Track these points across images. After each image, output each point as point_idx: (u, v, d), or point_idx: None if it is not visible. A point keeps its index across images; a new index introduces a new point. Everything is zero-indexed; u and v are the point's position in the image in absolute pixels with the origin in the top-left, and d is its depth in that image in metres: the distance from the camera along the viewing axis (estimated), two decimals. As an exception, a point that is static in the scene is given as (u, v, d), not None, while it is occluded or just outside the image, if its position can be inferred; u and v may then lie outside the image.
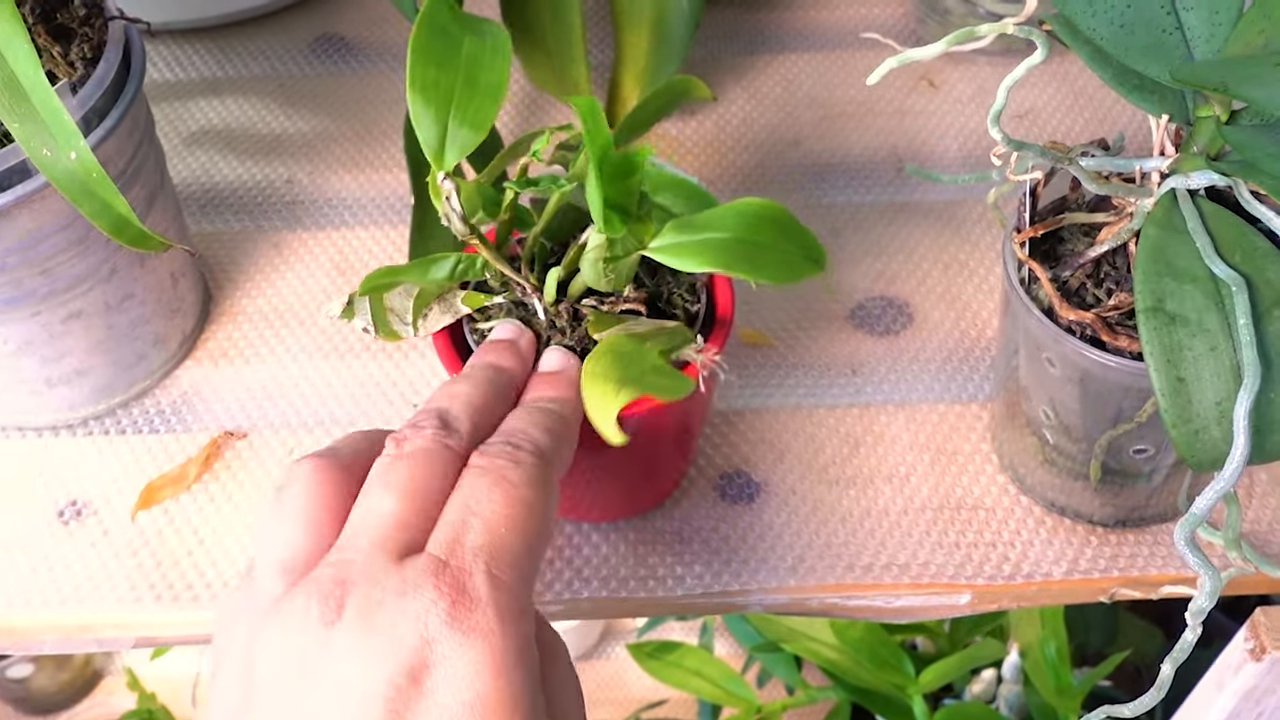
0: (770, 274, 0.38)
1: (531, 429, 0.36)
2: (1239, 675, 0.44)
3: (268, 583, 0.32)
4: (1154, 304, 0.36)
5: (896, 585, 0.46)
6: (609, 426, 0.34)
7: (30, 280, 0.45)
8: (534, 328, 0.41)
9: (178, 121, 0.65)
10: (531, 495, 0.33)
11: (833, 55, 0.68)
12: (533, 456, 0.34)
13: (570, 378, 0.39)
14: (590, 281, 0.39)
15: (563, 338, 0.41)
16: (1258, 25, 0.36)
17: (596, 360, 0.36)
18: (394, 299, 0.41)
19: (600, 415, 0.34)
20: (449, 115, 0.37)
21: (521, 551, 0.32)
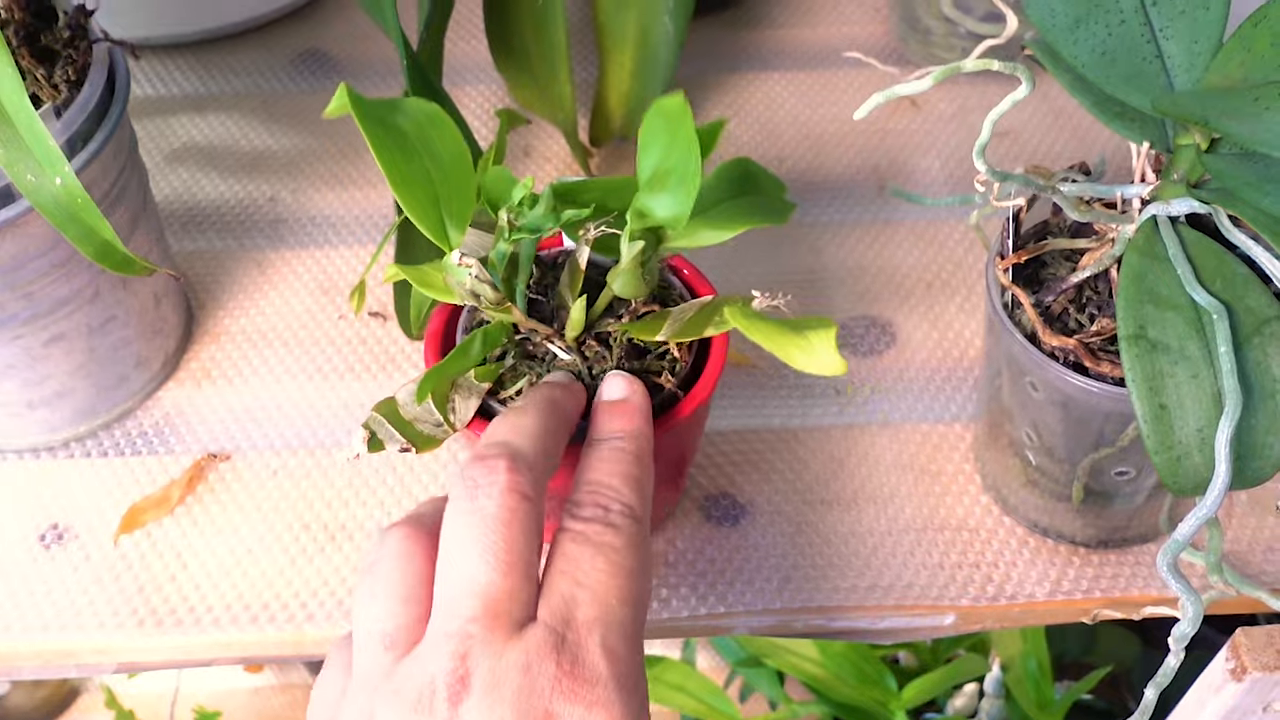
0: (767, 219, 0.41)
1: (619, 484, 0.35)
2: (1220, 695, 0.44)
3: (374, 657, 0.32)
4: (1136, 331, 0.37)
5: (881, 607, 0.46)
6: (834, 356, 0.35)
7: (12, 304, 0.44)
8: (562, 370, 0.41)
9: (159, 138, 0.64)
10: (633, 561, 0.33)
11: (815, 74, 0.68)
12: (627, 519, 0.34)
13: (637, 405, 0.38)
14: (628, 292, 0.40)
15: (604, 364, 0.40)
16: (1237, 57, 0.36)
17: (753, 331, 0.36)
18: (408, 410, 0.40)
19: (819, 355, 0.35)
20: (437, 197, 0.37)
21: (630, 620, 0.33)
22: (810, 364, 0.36)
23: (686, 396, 0.41)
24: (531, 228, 0.38)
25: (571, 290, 0.41)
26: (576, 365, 0.41)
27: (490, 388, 0.41)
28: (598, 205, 0.40)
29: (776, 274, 0.57)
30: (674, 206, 0.38)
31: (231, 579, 0.47)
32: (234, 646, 0.46)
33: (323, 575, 0.47)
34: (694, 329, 0.40)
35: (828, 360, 0.35)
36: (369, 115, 0.37)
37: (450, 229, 0.38)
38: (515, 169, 0.63)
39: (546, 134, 0.64)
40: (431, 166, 0.38)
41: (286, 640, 0.46)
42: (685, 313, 0.40)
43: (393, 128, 0.37)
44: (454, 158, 0.38)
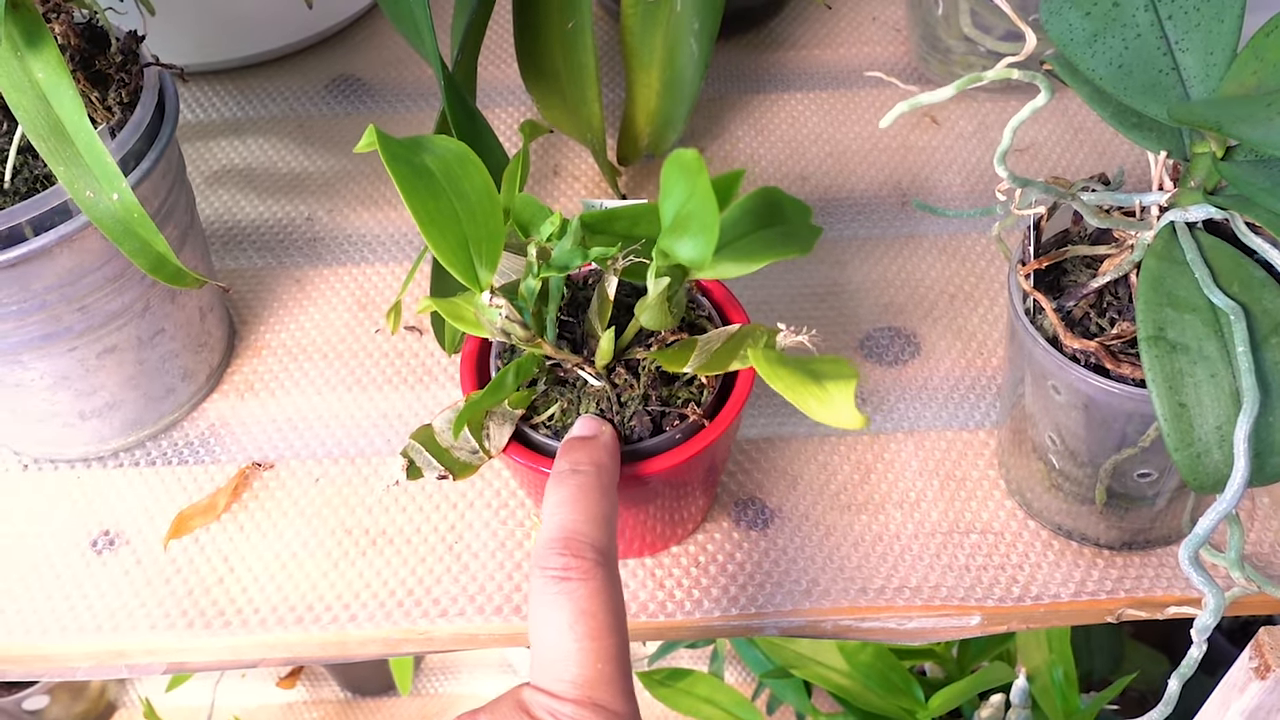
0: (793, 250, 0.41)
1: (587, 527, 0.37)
2: (1244, 695, 0.45)
3: None
4: (1155, 333, 0.38)
5: (908, 607, 0.47)
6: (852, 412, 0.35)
7: (68, 316, 0.46)
8: (594, 397, 0.42)
9: (201, 161, 0.66)
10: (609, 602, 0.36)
11: (838, 94, 0.69)
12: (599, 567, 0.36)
13: (604, 441, 0.40)
14: (655, 325, 0.40)
15: (633, 390, 0.41)
16: (1251, 66, 0.38)
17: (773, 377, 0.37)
18: (444, 438, 0.41)
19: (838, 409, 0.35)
20: (465, 237, 0.38)
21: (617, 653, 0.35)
22: (828, 416, 0.36)
23: (712, 423, 0.42)
24: (561, 264, 0.38)
25: (600, 319, 0.41)
26: (606, 391, 0.41)
27: (523, 413, 0.42)
28: (625, 233, 0.41)
29: (802, 287, 0.59)
30: (696, 250, 0.37)
31: (276, 582, 0.48)
32: (279, 647, 0.47)
33: (365, 578, 0.48)
34: (719, 363, 0.40)
35: (845, 414, 0.36)
36: (396, 156, 0.37)
37: (480, 269, 0.38)
38: (545, 188, 0.64)
39: (575, 153, 0.66)
40: (459, 206, 0.37)
41: (330, 641, 0.47)
42: (712, 343, 0.41)
43: (419, 168, 0.37)
44: (481, 196, 0.38)
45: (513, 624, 0.47)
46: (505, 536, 0.49)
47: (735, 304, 0.45)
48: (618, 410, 0.41)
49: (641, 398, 0.41)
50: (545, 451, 0.42)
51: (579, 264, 0.38)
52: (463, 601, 0.47)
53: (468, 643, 0.47)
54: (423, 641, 0.47)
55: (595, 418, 0.41)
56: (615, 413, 0.41)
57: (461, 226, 0.37)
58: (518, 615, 0.47)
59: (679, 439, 0.41)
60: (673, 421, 0.41)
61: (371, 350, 0.57)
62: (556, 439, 0.41)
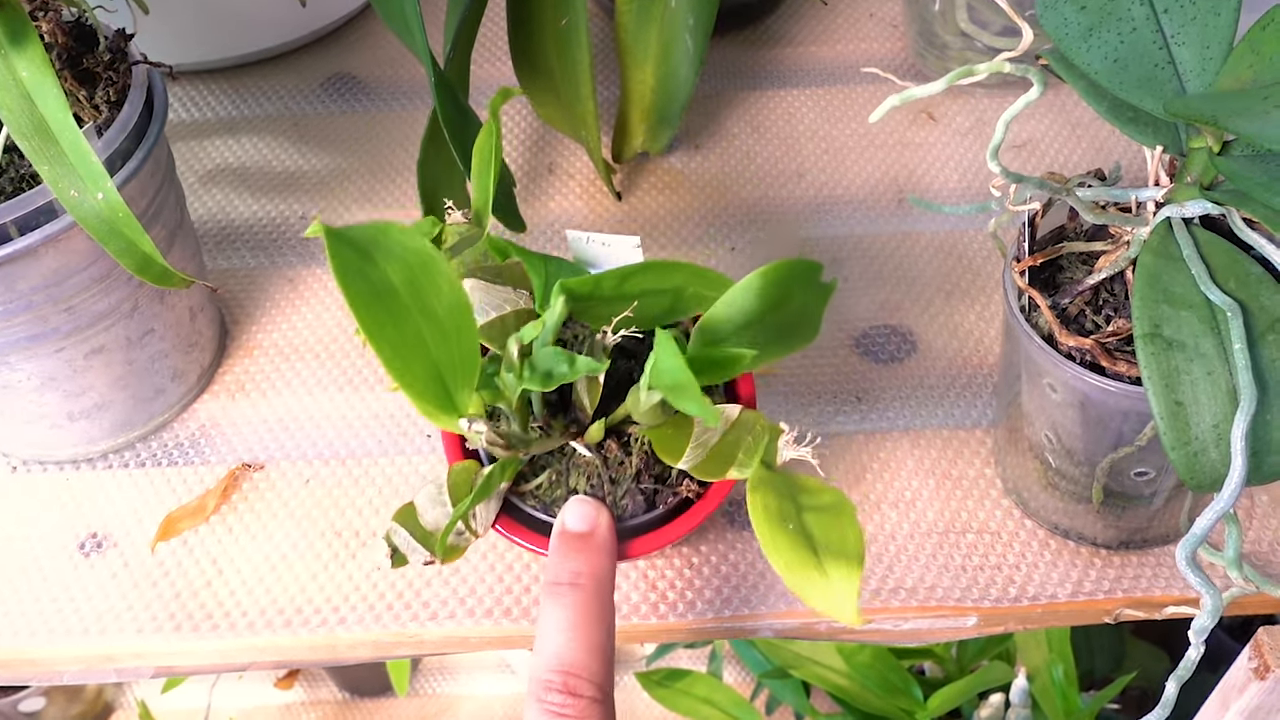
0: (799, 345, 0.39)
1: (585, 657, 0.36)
2: (1243, 695, 0.45)
3: None
4: (1151, 330, 0.37)
5: (904, 608, 0.46)
6: (853, 611, 0.33)
7: (55, 317, 0.46)
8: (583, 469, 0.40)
9: (194, 160, 0.66)
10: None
11: (834, 90, 0.69)
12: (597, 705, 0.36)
13: (600, 541, 0.38)
14: (647, 421, 0.38)
15: (626, 470, 0.40)
16: (1247, 60, 0.37)
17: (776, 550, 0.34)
18: (427, 518, 0.39)
19: (837, 604, 0.33)
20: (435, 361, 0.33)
21: None
22: (824, 605, 0.34)
23: (706, 495, 0.40)
24: (543, 373, 0.36)
25: (590, 399, 0.40)
26: (596, 466, 0.40)
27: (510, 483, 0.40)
28: (613, 293, 0.39)
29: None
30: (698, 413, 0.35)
31: (266, 584, 0.48)
32: (269, 650, 0.47)
33: (354, 580, 0.48)
34: (715, 467, 0.38)
35: (844, 607, 0.34)
36: (349, 270, 0.30)
37: (456, 394, 0.33)
38: (540, 186, 0.64)
39: (570, 151, 0.66)
40: (426, 326, 0.32)
41: (319, 644, 0.46)
42: (709, 435, 0.39)
43: (378, 284, 0.31)
44: (450, 310, 0.33)
45: (503, 627, 0.46)
46: (495, 539, 0.49)
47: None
48: (609, 488, 0.40)
49: (634, 476, 0.40)
50: (534, 524, 0.40)
51: (564, 375, 0.36)
52: (453, 604, 0.47)
53: (458, 645, 0.47)
54: (413, 644, 0.47)
55: (588, 501, 0.39)
56: (606, 490, 0.40)
57: (431, 352, 0.32)
58: (508, 618, 0.47)
59: (671, 513, 0.40)
60: (666, 499, 0.40)
61: (364, 351, 0.56)
62: (546, 511, 0.40)
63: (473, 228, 0.41)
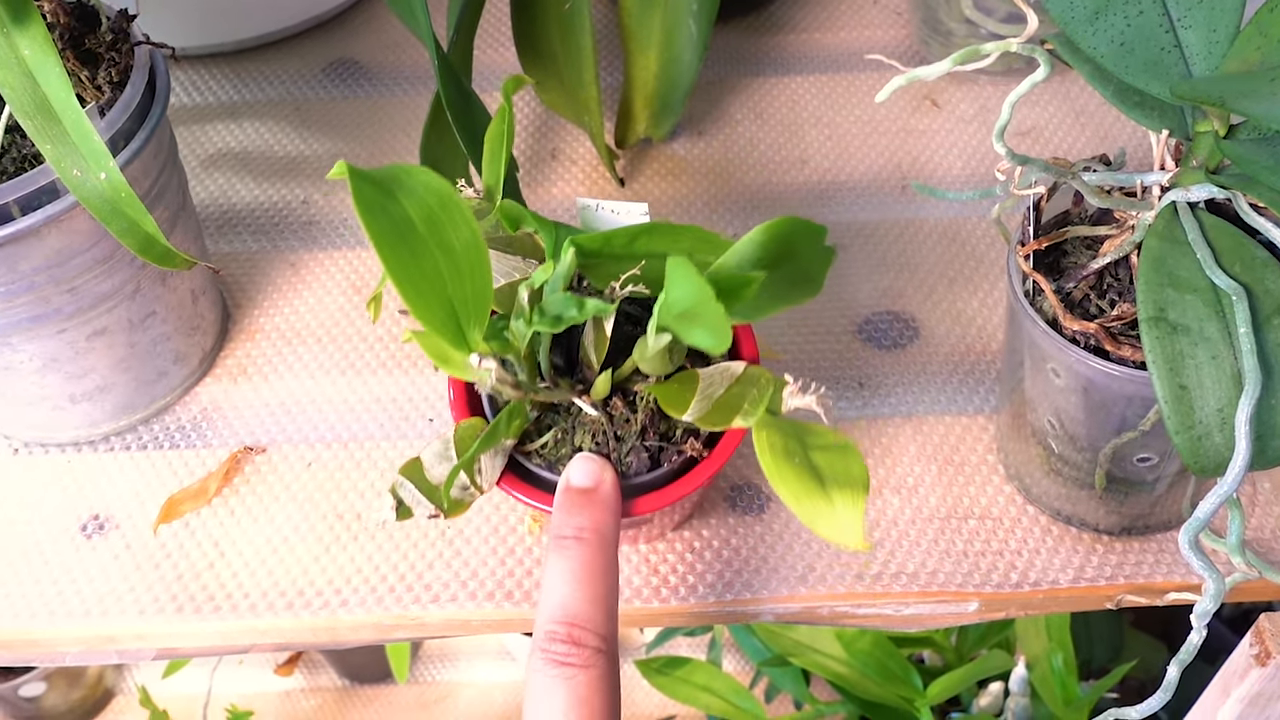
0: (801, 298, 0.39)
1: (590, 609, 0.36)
2: (1244, 681, 0.45)
3: None
4: (1156, 314, 0.37)
5: (905, 593, 0.46)
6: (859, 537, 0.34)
7: (57, 298, 0.46)
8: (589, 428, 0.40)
9: (196, 145, 0.66)
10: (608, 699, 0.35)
11: (838, 77, 0.69)
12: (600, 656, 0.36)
13: (604, 496, 0.38)
14: (654, 370, 0.39)
15: (631, 427, 0.40)
16: (1254, 43, 0.37)
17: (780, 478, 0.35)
18: (433, 473, 0.39)
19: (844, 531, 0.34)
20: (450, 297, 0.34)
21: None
22: (831, 533, 0.34)
23: (711, 455, 0.40)
24: (553, 316, 0.36)
25: (596, 353, 0.40)
26: (601, 423, 0.40)
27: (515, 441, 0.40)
28: (622, 252, 0.39)
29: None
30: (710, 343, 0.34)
31: (268, 567, 0.48)
32: (270, 632, 0.47)
33: (356, 563, 0.48)
34: (721, 417, 0.38)
35: (850, 532, 0.34)
36: (370, 206, 0.31)
37: (468, 330, 0.34)
38: (542, 171, 0.64)
39: (573, 136, 0.66)
40: (444, 263, 0.33)
41: (321, 626, 0.46)
42: (714, 388, 0.39)
43: (398, 219, 0.32)
44: (467, 247, 0.34)
45: (505, 610, 0.46)
46: (498, 522, 0.49)
47: (746, 332, 0.43)
48: (614, 445, 0.40)
49: (639, 433, 0.40)
50: (539, 482, 0.40)
51: (573, 317, 0.36)
52: (455, 587, 0.47)
53: (460, 628, 0.47)
54: (415, 627, 0.47)
55: (593, 458, 0.39)
56: (611, 447, 0.40)
57: (447, 288, 0.33)
58: (510, 601, 0.47)
59: (676, 473, 0.40)
60: (671, 457, 0.40)
61: (366, 334, 0.56)
62: (550, 469, 0.40)
63: (484, 202, 0.41)
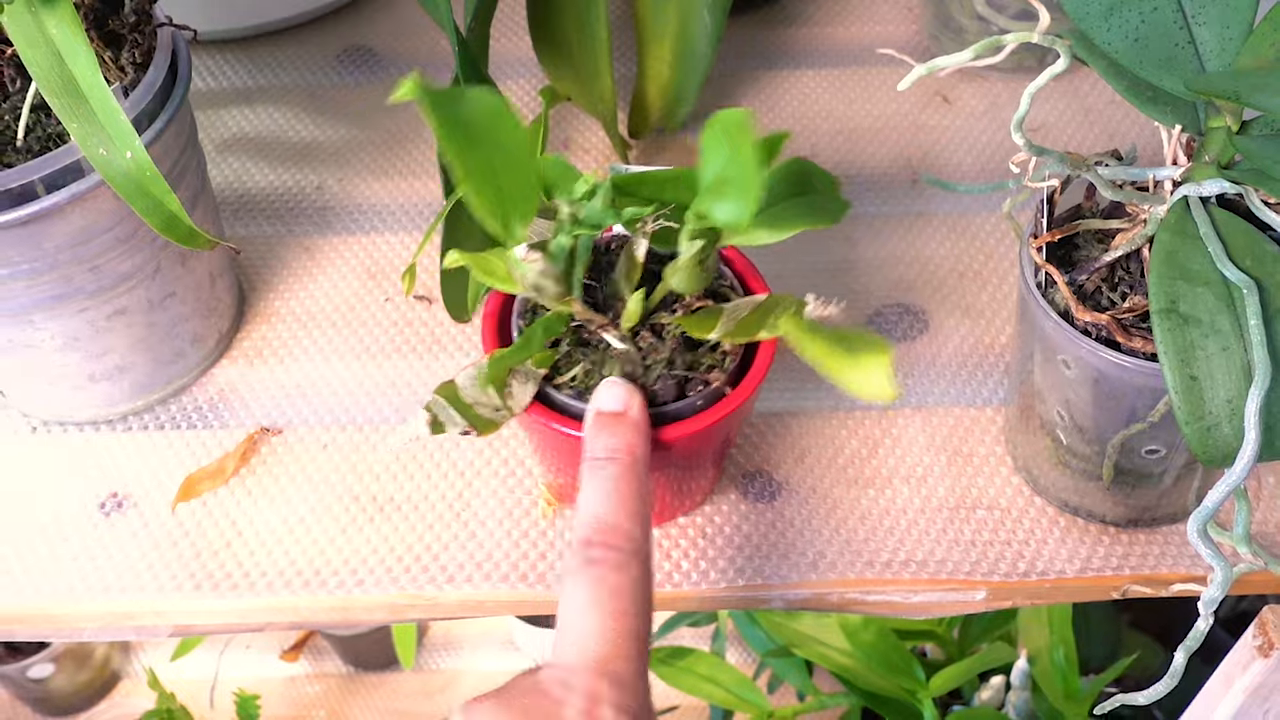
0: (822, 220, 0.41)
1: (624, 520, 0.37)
2: (1247, 673, 0.45)
3: None
4: (1168, 306, 0.38)
5: (914, 581, 0.47)
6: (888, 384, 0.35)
7: (79, 277, 0.46)
8: (620, 360, 0.41)
9: (212, 130, 0.66)
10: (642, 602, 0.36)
11: (849, 71, 0.69)
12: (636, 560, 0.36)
13: (634, 419, 0.39)
14: (686, 288, 0.40)
15: (658, 354, 0.41)
16: (1269, 39, 0.38)
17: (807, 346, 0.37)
18: (467, 394, 0.41)
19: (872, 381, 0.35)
20: (501, 190, 0.37)
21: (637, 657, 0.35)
22: (862, 388, 0.36)
23: (734, 391, 0.42)
24: (593, 223, 0.39)
25: (628, 282, 0.41)
26: (631, 354, 0.41)
27: (546, 373, 0.42)
28: (653, 197, 0.41)
29: (813, 263, 0.59)
30: (735, 213, 0.37)
31: (284, 546, 0.48)
32: (286, 611, 0.47)
33: (371, 544, 0.48)
34: (746, 330, 0.40)
35: (880, 386, 0.36)
36: (437, 104, 0.36)
37: (514, 223, 0.37)
38: (556, 161, 0.64)
39: (586, 126, 0.66)
40: (497, 159, 0.36)
41: (336, 605, 0.47)
42: (739, 311, 0.41)
43: (460, 119, 0.36)
44: (517, 151, 0.37)
45: (519, 591, 0.47)
46: (513, 505, 0.50)
47: (756, 274, 0.45)
48: (642, 373, 0.41)
49: (666, 361, 0.41)
50: (568, 411, 0.41)
51: (611, 223, 0.38)
52: (470, 568, 0.47)
53: (474, 609, 0.47)
54: (429, 607, 0.47)
55: (623, 383, 0.40)
56: (640, 376, 0.41)
57: (499, 179, 0.37)
58: (524, 583, 0.47)
59: (701, 405, 0.41)
60: (696, 387, 0.41)
61: (380, 319, 0.57)
62: (579, 400, 0.41)
63: None
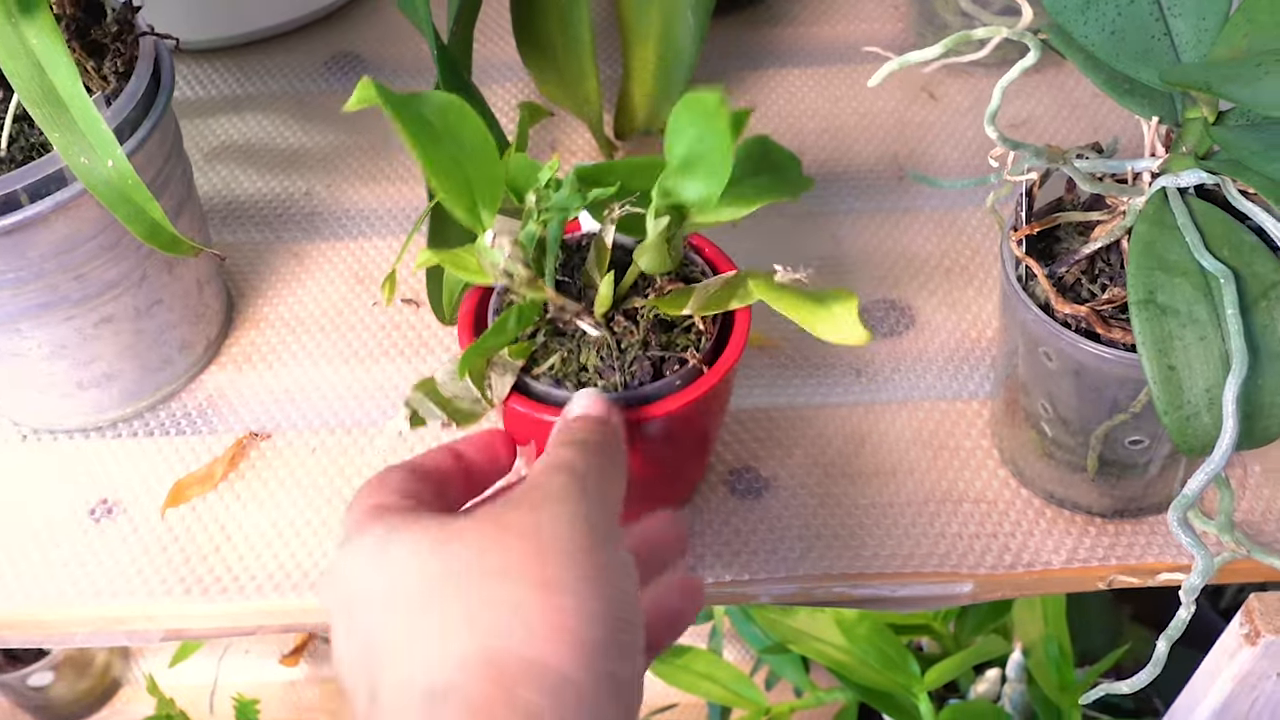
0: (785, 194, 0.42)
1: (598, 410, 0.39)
2: (1235, 660, 0.46)
3: None
4: (1146, 296, 0.38)
5: (901, 574, 0.47)
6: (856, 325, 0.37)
7: (65, 285, 0.46)
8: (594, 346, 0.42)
9: (200, 138, 0.67)
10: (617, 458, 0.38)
11: (834, 69, 0.69)
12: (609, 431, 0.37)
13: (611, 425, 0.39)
14: (653, 267, 0.41)
15: (632, 337, 0.42)
16: (1242, 29, 0.38)
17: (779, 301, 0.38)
18: (446, 386, 0.41)
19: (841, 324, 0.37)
20: (469, 181, 0.39)
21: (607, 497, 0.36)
22: (833, 333, 0.38)
23: (712, 369, 0.42)
24: (559, 208, 0.40)
25: (599, 268, 0.42)
26: (606, 340, 0.42)
27: (524, 364, 0.42)
28: (621, 187, 0.41)
29: (798, 259, 0.58)
30: (704, 190, 0.38)
31: (273, 550, 0.48)
32: (276, 614, 0.47)
33: (360, 547, 0.48)
34: (719, 302, 0.41)
35: (850, 329, 0.37)
36: (398, 106, 0.38)
37: (482, 211, 0.39)
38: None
39: (572, 128, 0.66)
40: (459, 153, 0.39)
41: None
42: (710, 287, 0.42)
43: (421, 118, 0.38)
44: (478, 145, 0.39)
45: (508, 591, 0.47)
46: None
47: (726, 260, 0.45)
48: (618, 356, 0.41)
49: (641, 343, 0.42)
50: (547, 400, 0.42)
51: (577, 206, 0.39)
52: (458, 569, 0.48)
53: (463, 610, 0.48)
54: (418, 609, 0.47)
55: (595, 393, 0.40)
56: (615, 359, 0.41)
57: (464, 170, 0.38)
58: (513, 582, 0.47)
59: (679, 384, 0.42)
60: (673, 366, 0.42)
61: (369, 323, 0.57)
62: (558, 388, 0.41)
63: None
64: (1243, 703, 0.47)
